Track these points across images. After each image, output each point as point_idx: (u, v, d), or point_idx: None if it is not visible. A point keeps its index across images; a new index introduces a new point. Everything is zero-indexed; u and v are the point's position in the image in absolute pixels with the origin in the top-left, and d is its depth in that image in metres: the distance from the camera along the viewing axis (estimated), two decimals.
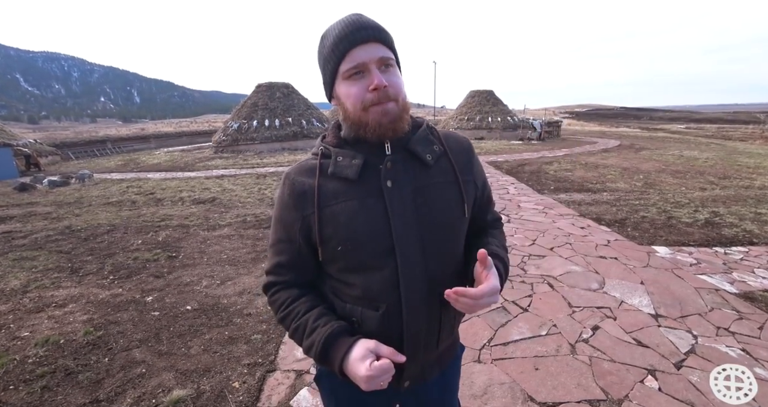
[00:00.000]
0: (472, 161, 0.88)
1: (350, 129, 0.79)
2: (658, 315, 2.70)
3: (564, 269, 3.52)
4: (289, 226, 0.81)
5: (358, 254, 0.76)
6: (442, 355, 0.91)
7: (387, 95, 0.72)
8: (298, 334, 0.79)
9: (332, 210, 0.77)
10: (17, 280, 3.69)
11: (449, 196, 0.81)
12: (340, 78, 0.74)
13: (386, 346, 0.72)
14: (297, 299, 0.82)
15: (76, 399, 2.04)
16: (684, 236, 4.33)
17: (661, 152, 13.21)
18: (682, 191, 6.80)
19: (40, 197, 8.59)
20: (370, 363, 0.69)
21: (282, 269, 0.85)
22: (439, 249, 0.79)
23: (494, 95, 23.70)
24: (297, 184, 0.80)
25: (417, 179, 0.79)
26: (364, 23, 0.72)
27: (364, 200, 0.76)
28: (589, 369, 2.14)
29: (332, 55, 0.72)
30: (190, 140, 31.11)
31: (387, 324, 0.78)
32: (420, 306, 0.78)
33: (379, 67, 0.72)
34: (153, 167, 13.73)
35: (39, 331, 2.74)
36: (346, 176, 0.77)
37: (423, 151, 0.80)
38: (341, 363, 0.72)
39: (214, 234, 5.02)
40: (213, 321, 2.82)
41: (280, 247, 0.84)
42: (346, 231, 0.76)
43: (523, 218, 5.30)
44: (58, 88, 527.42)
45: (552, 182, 8.06)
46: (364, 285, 0.78)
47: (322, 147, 0.83)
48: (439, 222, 0.79)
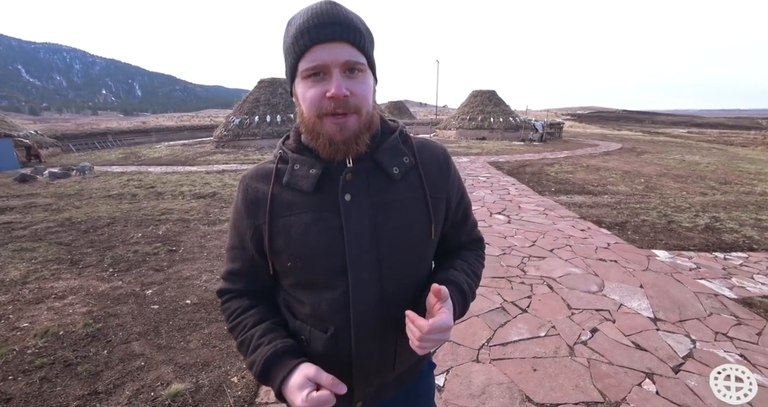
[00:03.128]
0: (447, 175, 0.79)
1: (306, 135, 0.71)
2: (657, 318, 2.70)
3: (564, 271, 3.53)
4: (242, 234, 0.76)
5: (309, 271, 0.71)
6: (401, 375, 0.84)
7: (346, 106, 0.63)
8: (243, 348, 0.74)
9: (284, 222, 0.71)
10: (17, 271, 3.69)
11: (414, 215, 0.73)
12: (299, 76, 0.65)
13: (327, 375, 0.65)
14: (246, 310, 0.77)
15: (74, 391, 2.04)
16: (684, 241, 4.34)
17: (662, 156, 13.20)
18: (682, 196, 6.81)
19: (41, 188, 8.58)
20: (307, 394, 0.62)
21: (235, 276, 0.80)
22: (397, 272, 0.72)
23: (496, 95, 23.66)
24: (250, 190, 0.75)
25: (380, 193, 0.71)
26: (334, 16, 0.62)
27: (320, 214, 0.70)
28: (588, 371, 2.15)
29: (292, 48, 0.63)
30: (191, 134, 31.05)
31: (335, 346, 0.72)
32: (371, 330, 0.72)
33: (343, 70, 0.62)
34: (154, 161, 13.71)
35: (38, 322, 2.74)
36: (300, 188, 0.70)
37: (389, 163, 0.72)
38: (279, 386, 0.66)
39: (215, 229, 5.02)
40: (212, 315, 2.82)
41: (234, 253, 0.79)
42: (297, 246, 0.70)
43: (523, 219, 5.30)
44: (59, 79, 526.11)
45: (553, 183, 8.06)
46: (313, 304, 0.73)
47: (281, 151, 0.75)
48: (399, 243, 0.72)
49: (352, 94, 0.63)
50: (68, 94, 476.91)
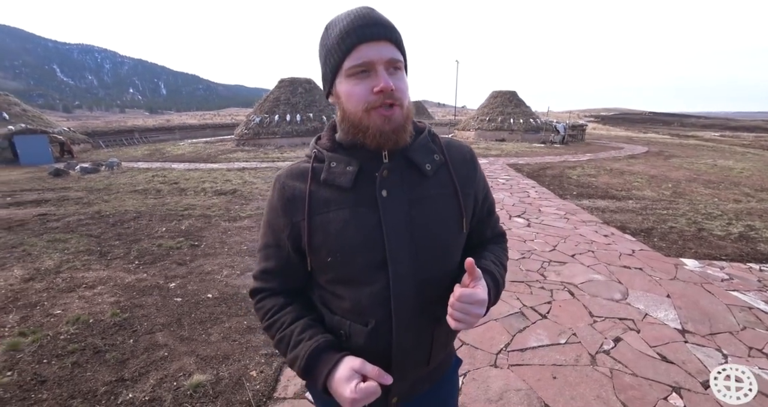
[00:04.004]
0: (474, 172, 0.83)
1: (347, 132, 0.73)
2: (685, 330, 2.59)
3: (585, 277, 3.43)
4: (278, 232, 0.78)
5: (348, 266, 0.73)
6: (433, 371, 0.87)
7: (392, 99, 0.67)
8: (282, 345, 0.75)
9: (323, 219, 0.73)
10: (51, 260, 3.88)
11: (447, 210, 0.76)
12: (343, 75, 0.68)
13: (372, 366, 0.67)
14: (283, 308, 0.79)
15: (103, 377, 2.13)
16: (715, 250, 4.15)
17: (692, 161, 12.66)
18: (714, 202, 6.50)
19: (73, 182, 8.99)
20: (356, 385, 0.64)
21: (269, 275, 0.81)
22: (432, 264, 0.75)
23: (517, 96, 23.25)
24: (287, 188, 0.76)
25: (414, 189, 0.74)
26: (376, 19, 0.67)
27: (357, 210, 0.72)
28: (610, 382, 2.08)
29: (337, 48, 0.67)
30: (213, 132, 31.87)
31: (375, 339, 0.74)
32: (410, 322, 0.74)
33: (387, 68, 0.67)
34: (177, 158, 14.15)
35: (70, 310, 2.88)
36: (338, 184, 0.72)
37: (422, 160, 0.75)
38: (325, 380, 0.68)
39: (235, 225, 5.13)
40: (232, 309, 2.89)
41: (268, 252, 0.81)
42: (336, 241, 0.72)
43: (543, 223, 5.19)
44: (91, 79, 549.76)
45: (575, 187, 7.85)
46: (353, 298, 0.74)
47: (315, 150, 0.78)
48: (434, 237, 0.75)
49: (396, 89, 0.67)
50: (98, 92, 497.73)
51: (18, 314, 2.83)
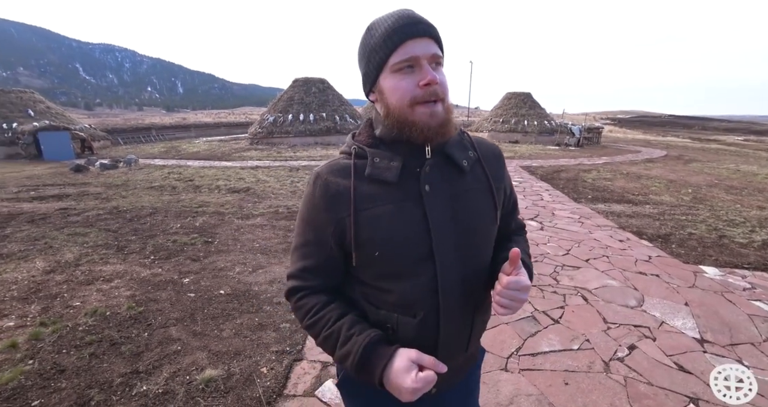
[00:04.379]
0: (502, 168, 0.88)
1: (389, 128, 0.75)
2: (704, 340, 2.51)
3: (600, 283, 3.36)
4: (320, 229, 0.77)
5: (396, 260, 0.74)
6: (468, 359, 0.91)
7: (436, 93, 0.69)
8: (330, 343, 0.75)
9: (369, 214, 0.74)
10: (71, 254, 4.00)
11: (483, 203, 0.80)
12: (388, 70, 0.70)
13: (428, 356, 0.69)
14: (326, 305, 0.78)
15: (118, 368, 2.18)
16: (737, 258, 4.01)
17: (713, 165, 12.28)
18: (736, 209, 6.29)
19: (92, 178, 9.25)
20: (416, 375, 0.66)
21: (308, 273, 0.81)
22: (473, 255, 0.79)
23: (531, 98, 22.95)
24: (331, 185, 0.76)
25: (454, 184, 0.77)
26: (419, 18, 0.70)
27: (402, 204, 0.74)
28: (624, 390, 2.03)
29: (383, 45, 0.69)
30: (227, 130, 32.38)
31: (424, 330, 0.76)
32: (455, 311, 0.77)
33: (430, 64, 0.70)
34: (192, 155, 14.42)
35: (88, 302, 2.96)
36: (385, 179, 0.74)
37: (459, 156, 0.79)
38: (382, 373, 0.69)
39: (248, 223, 5.20)
40: (244, 306, 2.93)
41: (308, 250, 0.80)
42: (384, 236, 0.73)
43: (557, 227, 5.11)
44: (111, 77, 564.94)
45: (590, 190, 7.70)
46: (400, 292, 0.75)
47: (355, 146, 0.79)
48: (473, 229, 0.78)
49: (439, 84, 0.70)
50: (118, 90, 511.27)
51: (39, 304, 2.92)
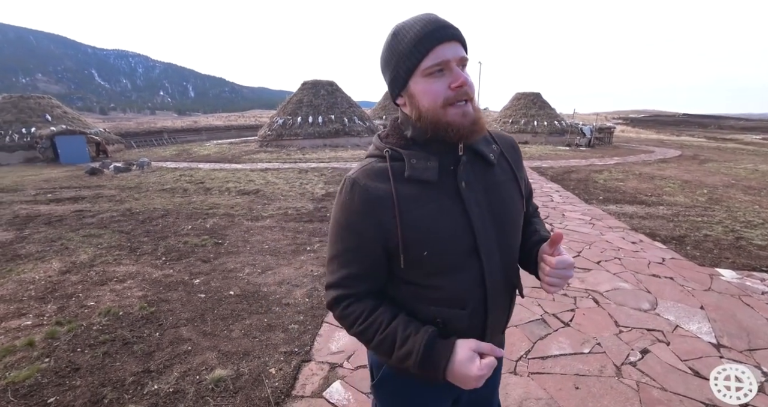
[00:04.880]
0: (520, 158, 0.94)
1: (422, 129, 0.76)
2: (721, 344, 2.45)
3: (611, 285, 3.31)
4: (362, 234, 0.77)
5: (444, 257, 0.77)
6: (500, 340, 0.95)
7: (467, 94, 0.72)
8: (386, 345, 0.76)
9: (414, 215, 0.75)
10: (86, 255, 4.10)
11: (512, 193, 0.85)
12: (419, 75, 0.73)
13: (485, 343, 0.75)
14: (375, 310, 0.79)
15: (131, 367, 2.22)
16: (755, 260, 3.90)
17: (730, 165, 11.97)
18: (755, 210, 6.12)
19: (107, 180, 9.47)
20: (480, 362, 0.71)
21: (352, 280, 0.80)
22: (509, 243, 0.84)
23: (541, 98, 22.73)
24: (371, 189, 0.76)
25: (485, 178, 0.81)
26: (446, 22, 0.73)
27: (443, 202, 0.76)
28: (636, 395, 1.99)
29: (414, 50, 0.71)
30: (237, 133, 32.83)
31: (474, 320, 0.81)
32: (500, 298, 0.83)
33: (458, 66, 0.73)
34: (203, 158, 14.64)
35: (102, 302, 3.02)
36: (426, 179, 0.76)
37: (486, 151, 0.82)
38: (446, 367, 0.72)
39: (257, 225, 5.25)
40: (253, 307, 2.96)
41: (349, 257, 0.80)
42: (431, 235, 0.75)
43: (567, 228, 5.04)
44: (125, 82, 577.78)
45: (601, 191, 7.58)
46: (450, 287, 0.79)
47: (388, 150, 0.79)
48: (507, 218, 0.83)
49: (469, 85, 0.73)
50: (131, 95, 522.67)
51: (55, 304, 3.00)
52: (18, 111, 17.02)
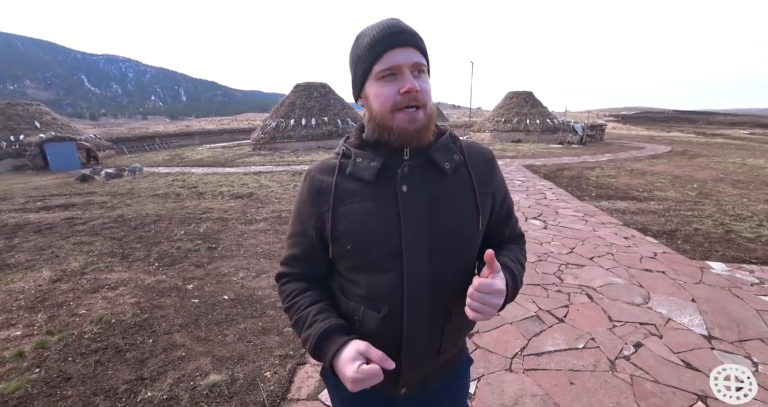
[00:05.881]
0: (492, 173, 0.88)
1: (373, 131, 0.80)
2: (712, 336, 2.48)
3: (604, 281, 3.33)
4: (305, 221, 0.84)
5: (367, 254, 0.78)
6: (443, 367, 0.90)
7: (416, 100, 0.73)
8: (298, 326, 0.81)
9: (346, 209, 0.79)
10: (77, 262, 4.04)
11: (464, 207, 0.81)
12: (372, 78, 0.75)
13: (377, 350, 0.71)
14: (303, 292, 0.85)
15: (123, 375, 2.20)
16: (745, 253, 3.95)
17: (719, 160, 12.14)
18: (743, 203, 6.21)
19: (98, 187, 9.36)
20: (359, 366, 0.68)
21: (294, 261, 0.88)
22: (447, 258, 0.79)
23: (533, 97, 22.88)
24: (316, 181, 0.83)
25: (434, 186, 0.79)
26: (403, 28, 0.74)
27: (379, 202, 0.78)
28: (630, 389, 2.01)
29: (368, 54, 0.73)
30: (230, 137, 32.63)
31: (388, 326, 0.78)
32: (422, 312, 0.78)
33: (412, 71, 0.73)
34: (196, 163, 14.53)
35: (94, 310, 2.98)
36: (362, 177, 0.78)
37: (442, 159, 0.81)
38: (332, 359, 0.73)
39: (251, 228, 5.22)
40: (248, 311, 2.94)
41: (295, 240, 0.87)
42: (357, 230, 0.77)
43: (560, 225, 5.08)
44: (115, 88, 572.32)
45: (593, 188, 7.65)
46: (369, 285, 0.79)
47: (343, 147, 0.85)
48: (451, 231, 0.79)
49: (420, 91, 0.73)
50: (122, 100, 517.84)
51: (46, 313, 2.95)
52: (6, 118, 16.78)
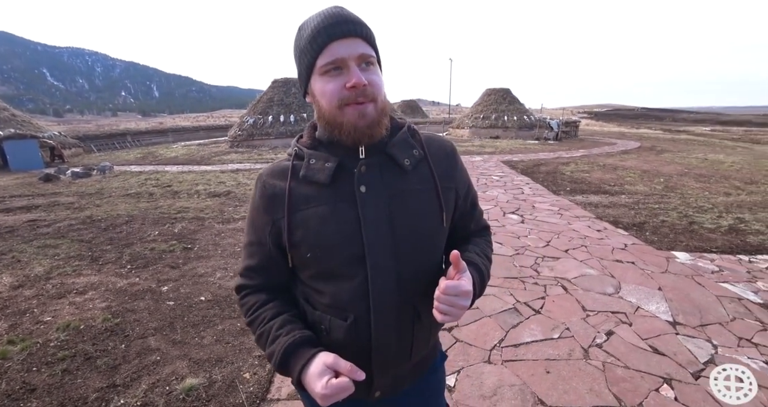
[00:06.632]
0: (454, 167, 0.83)
1: (324, 129, 0.75)
2: (676, 322, 2.62)
3: (579, 272, 3.45)
4: (260, 229, 0.79)
5: (328, 262, 0.73)
6: (416, 366, 0.87)
7: (365, 95, 0.68)
8: (262, 341, 0.76)
9: (303, 215, 0.73)
10: (41, 267, 3.83)
11: (427, 204, 0.77)
12: (316, 73, 0.69)
13: (346, 362, 0.66)
14: (264, 304, 0.79)
15: (94, 383, 2.10)
16: (706, 243, 4.19)
17: (683, 155, 12.78)
18: (705, 196, 6.57)
19: (64, 187, 8.89)
20: (327, 381, 0.64)
21: (252, 272, 0.82)
22: (413, 259, 0.75)
23: (511, 94, 23.34)
24: (268, 186, 0.77)
25: (393, 184, 0.74)
26: (345, 17, 0.68)
27: (336, 205, 0.73)
28: (602, 375, 2.09)
29: (309, 48, 0.68)
30: (206, 134, 31.67)
31: (355, 334, 0.74)
32: (390, 317, 0.74)
33: (358, 64, 0.68)
34: (170, 161, 14.04)
35: (60, 316, 2.84)
36: (317, 180, 0.73)
37: (401, 155, 0.76)
38: (299, 375, 0.69)
39: (229, 227, 5.10)
40: (226, 312, 2.87)
41: (251, 250, 0.81)
42: (315, 237, 0.73)
43: (537, 219, 5.22)
44: (81, 82, 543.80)
45: (568, 183, 7.90)
46: (333, 293, 0.75)
47: (296, 148, 0.79)
48: (414, 231, 0.75)
49: (369, 84, 0.68)
50: (90, 96, 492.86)
51: (6, 322, 2.79)
52: None
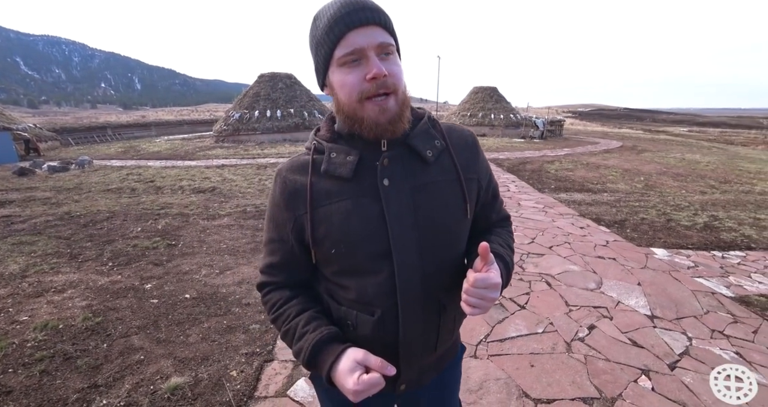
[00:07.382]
0: (476, 157, 0.81)
1: (344, 122, 0.73)
2: (654, 316, 2.72)
3: (562, 268, 3.54)
4: (281, 226, 0.77)
5: (353, 257, 0.72)
6: (440, 358, 0.88)
7: (386, 86, 0.65)
8: (288, 338, 0.76)
9: (325, 211, 0.72)
10: (16, 264, 3.69)
11: (450, 196, 0.75)
12: (334, 65, 0.67)
13: (376, 358, 0.66)
14: (288, 301, 0.79)
15: (74, 384, 2.05)
16: (683, 239, 4.35)
17: (662, 155, 13.19)
18: (682, 194, 6.81)
19: (40, 182, 8.56)
20: (358, 377, 0.64)
21: (274, 269, 0.81)
22: (437, 252, 0.74)
23: (497, 92, 23.56)
24: (289, 182, 0.75)
25: (416, 177, 0.73)
26: (363, 3, 0.64)
27: (359, 200, 0.71)
28: (584, 368, 2.16)
29: (326, 38, 0.65)
30: (191, 128, 30.95)
31: (382, 329, 0.74)
32: (417, 311, 0.74)
33: (378, 54, 0.65)
34: (153, 155, 13.67)
35: (38, 316, 2.75)
36: (339, 175, 0.71)
37: (423, 147, 0.74)
38: (329, 372, 0.68)
39: (214, 224, 5.02)
40: (212, 309, 2.83)
41: (273, 247, 0.80)
42: (339, 233, 0.71)
43: (522, 217, 5.31)
44: (58, 73, 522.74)
45: (553, 181, 8.05)
46: (359, 289, 0.74)
47: (315, 142, 0.77)
48: (438, 224, 0.74)
49: (389, 75, 0.65)
50: (67, 87, 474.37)
51: None
52: None
